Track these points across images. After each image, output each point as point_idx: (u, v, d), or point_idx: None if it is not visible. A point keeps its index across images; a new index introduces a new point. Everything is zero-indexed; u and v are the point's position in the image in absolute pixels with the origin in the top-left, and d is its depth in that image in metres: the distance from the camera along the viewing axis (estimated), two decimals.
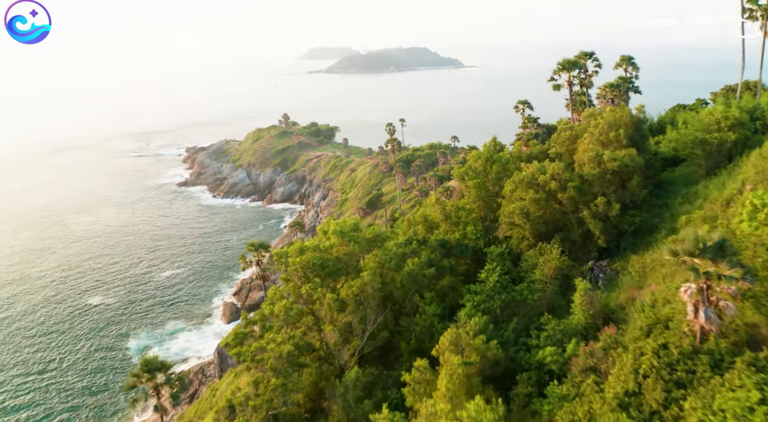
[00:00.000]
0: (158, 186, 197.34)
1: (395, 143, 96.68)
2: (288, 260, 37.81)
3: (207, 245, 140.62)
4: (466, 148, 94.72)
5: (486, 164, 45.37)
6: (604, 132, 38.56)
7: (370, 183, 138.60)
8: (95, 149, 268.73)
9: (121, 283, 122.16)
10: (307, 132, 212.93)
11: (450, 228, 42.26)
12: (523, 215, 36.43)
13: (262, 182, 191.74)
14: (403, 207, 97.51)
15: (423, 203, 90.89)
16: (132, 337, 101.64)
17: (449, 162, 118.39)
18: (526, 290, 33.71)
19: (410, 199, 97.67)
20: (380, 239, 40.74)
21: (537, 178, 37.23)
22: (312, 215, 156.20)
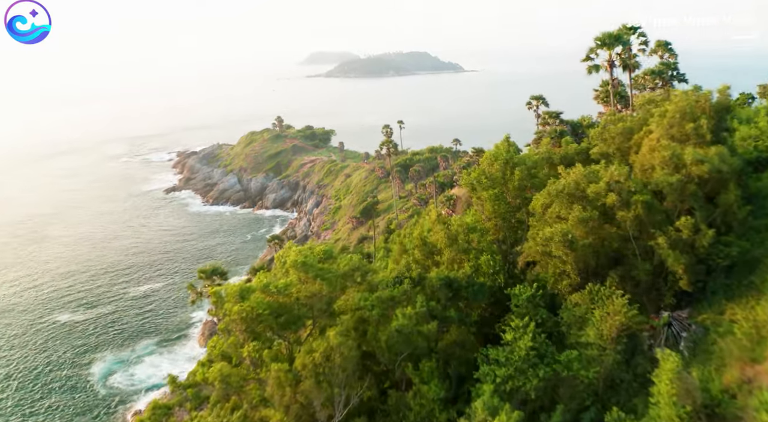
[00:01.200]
0: (145, 193, 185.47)
1: (391, 146, 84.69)
2: (225, 306, 26.01)
3: (190, 257, 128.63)
4: (469, 152, 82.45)
5: (505, 168, 33.35)
6: (675, 123, 26.64)
7: (365, 190, 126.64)
8: (86, 153, 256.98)
9: (94, 298, 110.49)
10: (302, 136, 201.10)
11: (457, 256, 30.33)
12: (566, 243, 24.49)
13: (254, 188, 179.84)
14: (400, 217, 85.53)
15: (422, 213, 78.91)
16: (97, 361, 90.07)
17: (451, 167, 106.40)
18: (575, 361, 21.85)
19: (408, 208, 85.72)
20: (360, 272, 28.77)
21: (584, 189, 25.34)
22: (304, 223, 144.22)
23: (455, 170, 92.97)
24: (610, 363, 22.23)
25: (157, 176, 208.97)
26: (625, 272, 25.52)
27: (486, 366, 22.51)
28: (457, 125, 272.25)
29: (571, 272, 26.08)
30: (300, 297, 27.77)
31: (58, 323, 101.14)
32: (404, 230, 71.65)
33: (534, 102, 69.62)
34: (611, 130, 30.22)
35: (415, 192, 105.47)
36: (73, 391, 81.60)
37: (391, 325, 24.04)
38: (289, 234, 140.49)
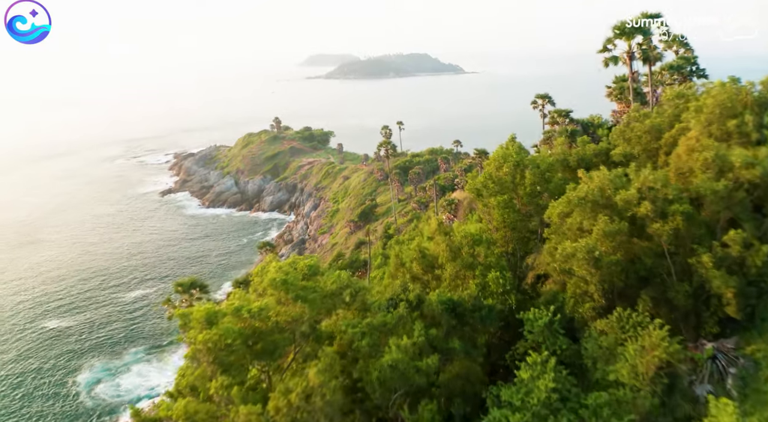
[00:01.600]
0: (140, 195, 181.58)
1: (389, 147, 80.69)
2: (190, 332, 22.12)
3: (183, 261, 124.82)
4: (471, 154, 78.43)
5: (515, 171, 29.43)
6: (715, 119, 22.77)
7: (364, 192, 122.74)
8: (83, 155, 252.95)
9: (84, 303, 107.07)
10: (300, 137, 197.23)
11: (461, 272, 26.47)
12: (591, 261, 20.59)
13: (251, 190, 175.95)
14: (399, 221, 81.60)
15: (421, 217, 75.05)
16: (84, 369, 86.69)
17: (452, 169, 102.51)
18: (605, 406, 17.94)
19: (407, 212, 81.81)
20: (350, 291, 24.82)
21: (611, 196, 21.47)
22: (301, 226, 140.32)
23: (456, 172, 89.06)
24: (647, 407, 18.31)
25: (153, 178, 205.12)
26: (659, 294, 21.60)
27: (497, 410, 18.59)
28: (457, 127, 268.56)
29: (595, 294, 22.16)
30: (279, 321, 23.87)
31: (46, 328, 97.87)
32: (403, 235, 67.74)
33: (540, 101, 65.77)
34: (636, 128, 26.32)
35: (414, 195, 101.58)
36: (56, 401, 78.36)
37: (383, 359, 20.12)
38: (285, 238, 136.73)
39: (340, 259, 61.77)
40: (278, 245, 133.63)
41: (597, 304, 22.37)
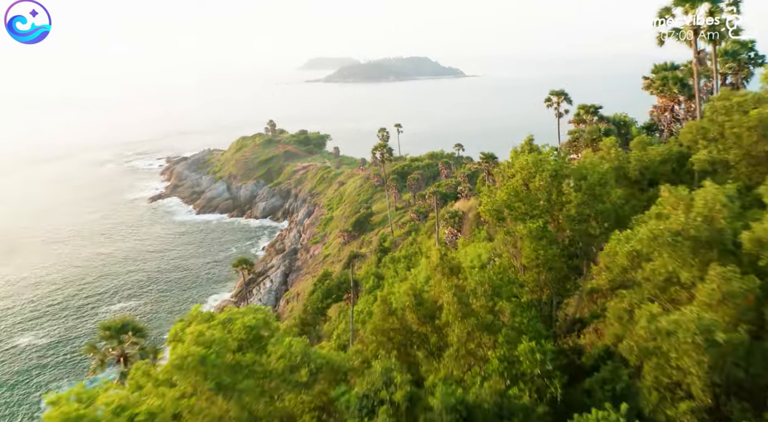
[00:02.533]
0: (128, 201, 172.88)
1: (385, 151, 71.73)
2: None
3: (168, 273, 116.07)
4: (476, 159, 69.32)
5: (552, 186, 20.67)
6: None
7: (359, 199, 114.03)
8: (72, 159, 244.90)
9: (60, 320, 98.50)
10: (295, 141, 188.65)
11: (475, 335, 17.82)
12: (703, 344, 11.95)
13: (243, 195, 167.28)
14: (396, 233, 72.80)
15: (420, 229, 66.30)
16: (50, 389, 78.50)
17: (454, 175, 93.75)
18: None
19: (404, 223, 72.98)
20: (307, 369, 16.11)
21: (725, 230, 12.85)
22: (294, 234, 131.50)
23: (459, 178, 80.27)
24: None
25: (144, 183, 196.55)
26: None
27: None
28: (458, 130, 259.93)
29: (696, 388, 13.41)
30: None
31: (17, 347, 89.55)
32: (399, 251, 58.98)
33: (554, 98, 57.04)
34: (740, 122, 17.58)
35: (413, 203, 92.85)
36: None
37: None
38: (277, 247, 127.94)
39: (326, 279, 52.92)
40: (269, 255, 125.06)
41: (700, 404, 13.58)
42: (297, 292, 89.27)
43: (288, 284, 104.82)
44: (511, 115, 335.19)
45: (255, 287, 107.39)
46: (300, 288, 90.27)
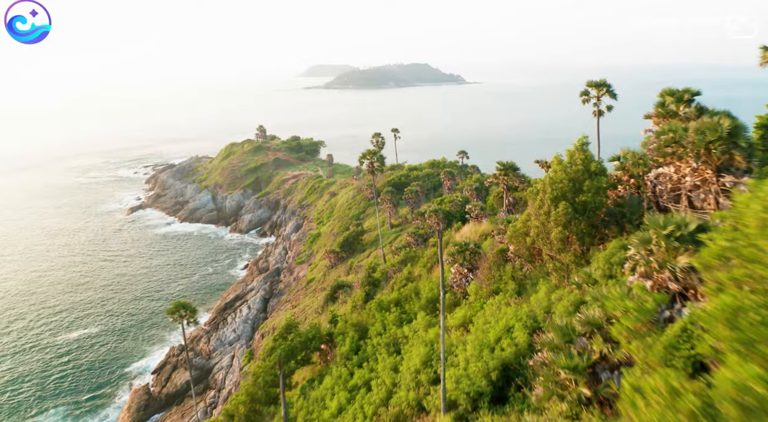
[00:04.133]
0: (106, 212, 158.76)
1: (375, 159, 57.22)
2: None
3: (136, 296, 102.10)
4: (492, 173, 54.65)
5: None
6: None
7: (350, 214, 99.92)
8: (53, 167, 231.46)
9: (11, 347, 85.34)
10: (287, 147, 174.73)
11: None
12: None
13: (229, 206, 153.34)
14: (389, 260, 58.52)
15: (418, 260, 52.00)
16: None
17: (459, 187, 79.62)
18: None
19: (399, 248, 58.60)
20: None
21: None
22: (280, 251, 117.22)
23: (466, 193, 66.02)
24: None
25: (126, 192, 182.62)
26: None
27: None
28: (461, 137, 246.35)
29: None
30: None
31: None
32: (389, 292, 44.81)
33: (593, 91, 42.91)
34: None
35: (410, 219, 78.72)
36: None
37: None
38: (261, 265, 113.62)
39: (290, 332, 38.70)
40: (251, 274, 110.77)
41: None
42: (273, 326, 75.02)
43: (268, 311, 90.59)
44: (517, 122, 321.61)
45: (231, 314, 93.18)
46: (277, 321, 76.01)
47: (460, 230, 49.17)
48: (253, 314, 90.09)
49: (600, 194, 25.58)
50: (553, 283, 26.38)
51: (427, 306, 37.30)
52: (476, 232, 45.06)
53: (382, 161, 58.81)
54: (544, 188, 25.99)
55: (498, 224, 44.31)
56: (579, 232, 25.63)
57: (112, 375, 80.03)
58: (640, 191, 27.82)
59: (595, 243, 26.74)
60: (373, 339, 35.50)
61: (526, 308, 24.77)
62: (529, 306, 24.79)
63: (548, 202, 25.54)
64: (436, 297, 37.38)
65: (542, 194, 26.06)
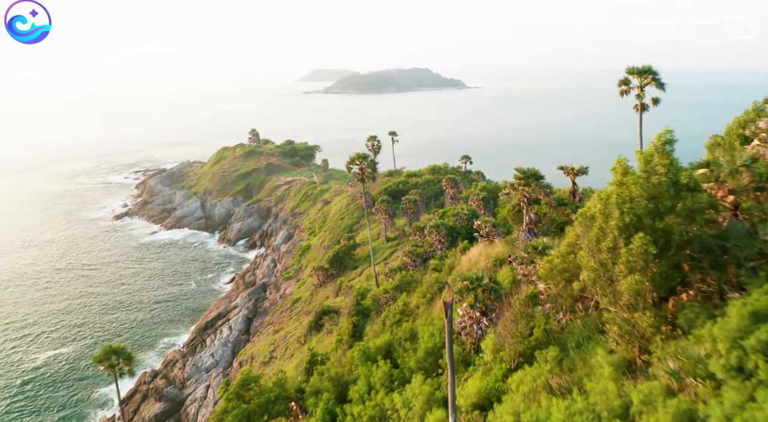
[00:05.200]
0: (89, 220, 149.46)
1: (366, 165, 47.78)
2: None
3: (110, 312, 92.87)
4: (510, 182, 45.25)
5: None
6: None
7: (343, 224, 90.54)
8: (46, 171, 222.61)
9: None
10: (280, 152, 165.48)
11: None
12: None
13: (218, 214, 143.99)
14: (382, 287, 49.03)
15: (415, 285, 42.68)
16: None
17: (463, 195, 70.31)
18: None
19: (393, 270, 49.06)
20: None
21: None
22: (269, 264, 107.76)
23: (472, 202, 56.59)
24: None
25: (113, 198, 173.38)
26: None
27: None
28: (462, 142, 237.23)
29: None
30: None
31: None
32: (379, 333, 35.59)
33: (635, 80, 33.65)
34: None
35: (408, 232, 69.40)
36: None
37: None
38: (248, 279, 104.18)
39: (248, 389, 29.10)
40: (236, 289, 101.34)
41: None
42: (251, 354, 65.60)
43: (251, 333, 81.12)
44: (520, 126, 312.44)
45: (211, 335, 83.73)
46: (257, 349, 66.57)
47: (467, 251, 39.78)
48: (234, 337, 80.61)
49: (695, 219, 16.29)
50: (618, 356, 17.00)
51: (425, 360, 27.91)
52: (488, 255, 35.67)
53: (374, 167, 49.51)
54: (606, 210, 16.64)
55: (517, 248, 34.96)
56: (660, 278, 16.31)
57: (77, 401, 71.23)
58: (742, 213, 18.47)
59: (682, 294, 17.36)
60: (353, 405, 26.09)
61: (581, 403, 15.35)
62: (586, 401, 15.37)
63: (614, 233, 16.22)
64: (439, 348, 27.98)
65: (603, 220, 16.72)
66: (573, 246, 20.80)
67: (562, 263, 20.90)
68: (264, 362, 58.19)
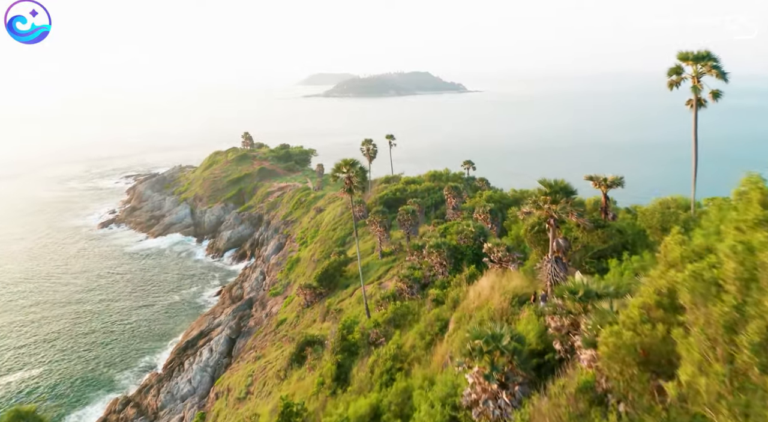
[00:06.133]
0: (74, 227, 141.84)
1: (354, 173, 40.02)
2: None
3: (87, 329, 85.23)
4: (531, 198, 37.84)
5: None
6: None
7: (335, 236, 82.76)
8: (37, 175, 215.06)
9: None
10: (274, 156, 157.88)
11: None
12: None
13: (208, 222, 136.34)
14: (375, 315, 41.27)
15: (412, 320, 35.04)
16: None
17: (466, 206, 62.65)
18: None
19: (386, 297, 41.28)
20: None
21: None
22: (257, 276, 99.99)
23: (478, 216, 48.83)
24: None
25: (101, 204, 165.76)
26: None
27: None
28: (464, 146, 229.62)
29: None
30: None
31: None
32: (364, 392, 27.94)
33: (689, 68, 26.05)
34: None
35: (405, 246, 61.72)
36: None
37: None
38: (234, 293, 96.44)
39: None
40: (222, 303, 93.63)
41: None
42: (228, 385, 57.84)
43: (233, 355, 73.33)
44: (523, 131, 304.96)
45: (190, 358, 76.00)
46: (234, 379, 58.77)
47: (474, 281, 32.04)
48: (215, 360, 72.78)
49: None
50: None
51: None
52: (502, 290, 27.99)
53: (363, 176, 41.87)
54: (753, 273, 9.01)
55: (540, 281, 27.28)
56: None
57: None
58: None
59: None
60: None
61: None
62: None
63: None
64: None
65: (743, 290, 9.12)
66: (649, 310, 13.22)
67: (634, 336, 13.22)
68: (239, 398, 50.45)
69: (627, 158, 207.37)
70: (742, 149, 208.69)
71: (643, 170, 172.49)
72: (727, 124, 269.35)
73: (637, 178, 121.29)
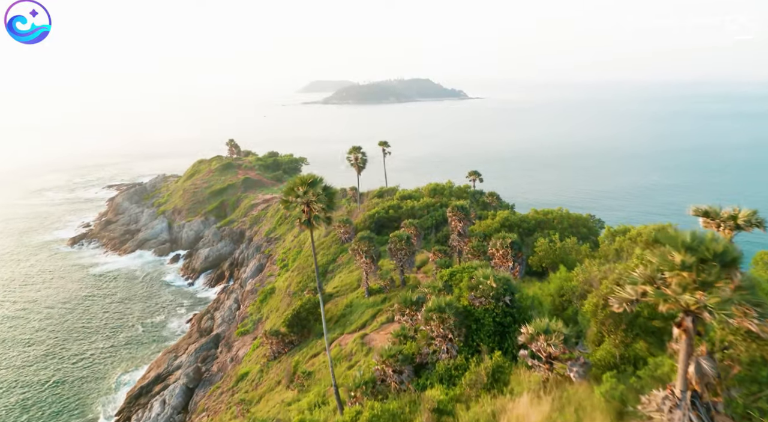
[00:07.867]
0: (41, 243, 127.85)
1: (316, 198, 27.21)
2: None
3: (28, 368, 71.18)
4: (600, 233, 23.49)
5: None
6: None
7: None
8: (11, 186, 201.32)
9: None
10: (261, 165, 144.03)
11: None
12: None
13: (185, 237, 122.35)
14: (348, 411, 27.10)
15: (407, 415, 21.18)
16: None
17: (476, 232, 48.74)
18: None
19: (366, 382, 27.81)
20: None
21: None
22: (231, 305, 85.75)
23: (494, 251, 34.90)
24: None
25: (77, 216, 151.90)
26: None
27: None
28: (466, 155, 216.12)
29: None
30: None
31: None
32: None
33: None
34: None
35: (398, 282, 47.81)
36: None
37: None
38: (204, 324, 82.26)
39: None
40: (188, 337, 79.53)
41: None
42: None
43: (188, 410, 59.11)
44: (527, 138, 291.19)
45: (139, 411, 61.91)
46: None
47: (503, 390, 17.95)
48: (166, 417, 58.60)
49: None
50: None
51: None
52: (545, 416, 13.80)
53: (332, 199, 28.16)
54: None
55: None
56: None
57: None
58: None
59: None
60: None
61: None
62: None
63: None
64: None
65: None
66: None
67: None
68: None
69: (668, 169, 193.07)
70: None
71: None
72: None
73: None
